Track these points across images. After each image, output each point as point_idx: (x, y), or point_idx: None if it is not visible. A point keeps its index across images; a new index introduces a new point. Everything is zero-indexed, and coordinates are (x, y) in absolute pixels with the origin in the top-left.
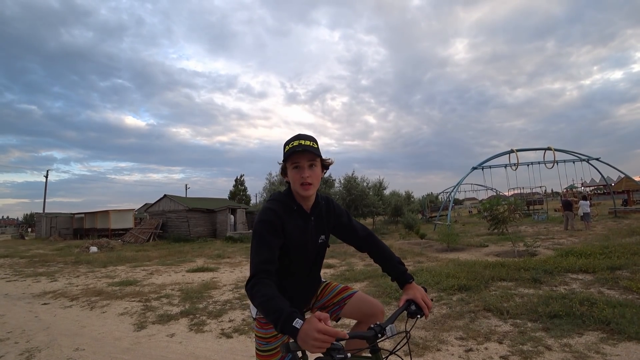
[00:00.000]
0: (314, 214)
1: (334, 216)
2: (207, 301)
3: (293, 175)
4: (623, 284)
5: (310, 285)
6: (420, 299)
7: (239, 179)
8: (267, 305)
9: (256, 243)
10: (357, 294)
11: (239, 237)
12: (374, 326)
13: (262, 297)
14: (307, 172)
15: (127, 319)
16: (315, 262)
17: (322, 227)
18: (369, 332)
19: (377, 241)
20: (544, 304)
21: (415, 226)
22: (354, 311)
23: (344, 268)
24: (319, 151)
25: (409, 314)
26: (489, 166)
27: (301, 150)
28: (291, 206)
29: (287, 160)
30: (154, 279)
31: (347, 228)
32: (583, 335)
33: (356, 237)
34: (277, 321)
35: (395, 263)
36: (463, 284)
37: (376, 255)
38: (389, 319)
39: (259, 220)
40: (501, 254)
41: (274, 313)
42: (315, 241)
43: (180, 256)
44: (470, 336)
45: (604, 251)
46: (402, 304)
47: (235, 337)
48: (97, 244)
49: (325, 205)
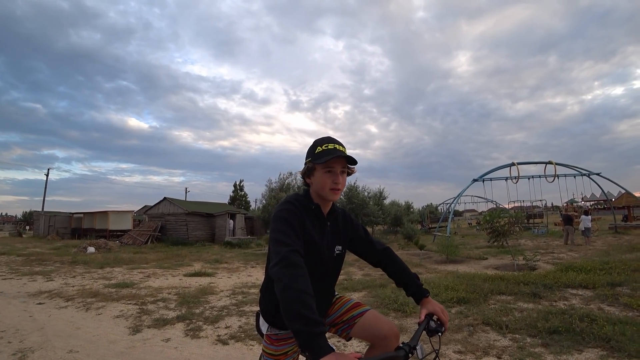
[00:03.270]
0: (330, 220)
1: (351, 228)
2: (203, 306)
3: (324, 178)
4: (623, 300)
5: (323, 297)
6: (440, 313)
7: (239, 184)
8: (299, 304)
9: (282, 228)
10: (369, 312)
11: (237, 243)
12: (403, 345)
13: (296, 290)
14: (340, 177)
15: (123, 322)
16: (330, 274)
17: (338, 236)
18: (400, 352)
19: (395, 256)
20: (543, 319)
21: (414, 237)
22: (365, 332)
23: (342, 277)
24: (353, 160)
25: (429, 332)
26: (490, 178)
27: (338, 156)
28: (309, 205)
29: (319, 162)
30: (150, 282)
31: (364, 242)
32: (583, 352)
33: (374, 251)
34: (307, 333)
35: (412, 278)
36: (462, 297)
37: (393, 269)
38: (414, 337)
39: (281, 209)
40: (500, 267)
41: (306, 320)
42: (331, 249)
43: (178, 260)
44: (469, 350)
45: (604, 267)
46: (423, 319)
47: (231, 344)
48: (94, 245)
49: (342, 216)
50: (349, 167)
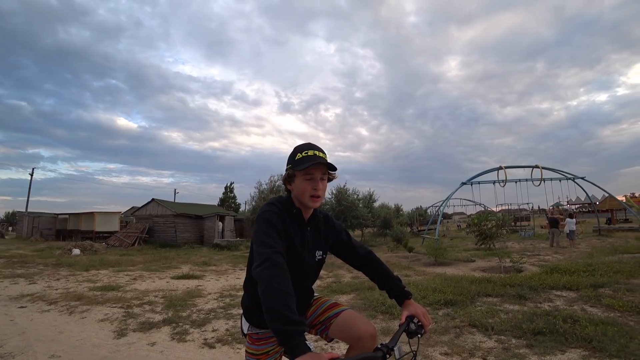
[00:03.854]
0: (311, 225)
1: (333, 233)
2: (190, 309)
3: (304, 185)
4: (605, 301)
5: (303, 299)
6: (421, 315)
7: (229, 186)
8: (280, 304)
9: (266, 230)
10: (346, 312)
11: (226, 245)
12: (381, 346)
13: (278, 290)
14: (320, 184)
15: (107, 326)
16: (310, 277)
17: (319, 242)
18: (377, 353)
19: (377, 259)
20: (528, 321)
21: (403, 239)
22: (341, 332)
23: (331, 280)
24: (333, 167)
25: (409, 334)
26: (478, 182)
27: (318, 162)
28: (290, 210)
29: (299, 169)
30: (137, 284)
31: (346, 246)
32: (566, 353)
33: (356, 255)
34: (286, 332)
35: (395, 280)
36: (449, 299)
37: (375, 273)
38: (393, 338)
39: (265, 211)
40: (488, 269)
41: (286, 320)
42: (312, 254)
43: (166, 262)
44: (455, 352)
45: (588, 269)
46: (404, 321)
47: (218, 347)
48: (80, 247)
49: (324, 220)
50: (329, 173)
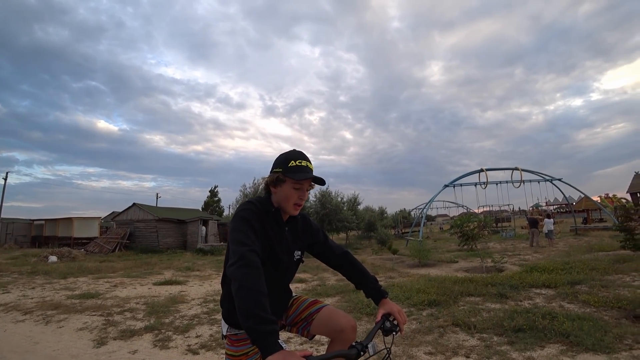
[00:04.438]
0: (289, 225)
1: (310, 234)
2: (173, 316)
3: (291, 193)
4: (582, 298)
5: (281, 299)
6: (396, 313)
7: (214, 190)
8: (253, 303)
9: (242, 228)
10: (326, 308)
11: (209, 250)
12: (355, 344)
13: (251, 289)
14: (305, 194)
15: (86, 335)
16: (288, 276)
17: (297, 242)
18: (352, 351)
19: (353, 259)
20: (509, 319)
21: (387, 242)
22: (323, 327)
23: (315, 283)
24: (323, 181)
25: (384, 331)
26: (460, 184)
27: (314, 178)
28: (269, 209)
29: (294, 178)
30: (117, 291)
31: (323, 246)
32: (545, 348)
33: (333, 255)
34: (259, 331)
35: (370, 280)
36: (433, 299)
37: (352, 273)
38: (369, 336)
39: (243, 210)
40: (470, 269)
41: (259, 319)
42: (290, 254)
43: (148, 268)
44: (439, 351)
45: (565, 267)
46: (380, 319)
47: (202, 353)
48: (57, 253)
49: (302, 221)
50: (311, 184)
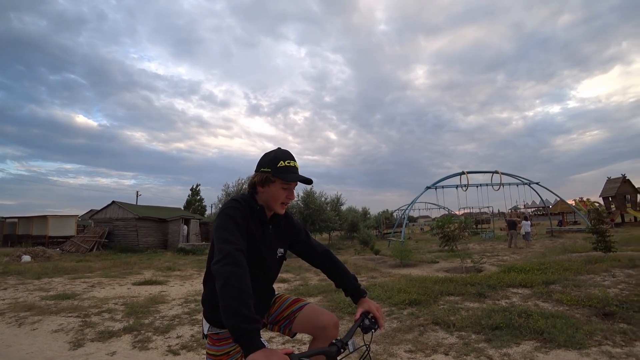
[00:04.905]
0: (272, 223)
1: (293, 232)
2: (153, 316)
3: (279, 193)
4: (555, 297)
5: (264, 297)
6: (374, 310)
7: (195, 188)
8: (237, 301)
9: (228, 226)
10: (308, 306)
11: (191, 249)
12: (335, 341)
13: (237, 288)
14: (292, 194)
15: (62, 337)
16: (271, 274)
17: (280, 240)
18: (332, 348)
19: (334, 258)
20: (487, 317)
21: (370, 242)
22: (306, 324)
23: (298, 283)
24: (310, 181)
25: (363, 329)
26: (442, 186)
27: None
28: (254, 207)
29: (284, 179)
30: (95, 292)
31: (305, 244)
32: (520, 345)
33: (314, 254)
34: (242, 329)
35: (350, 279)
36: (414, 299)
37: (332, 271)
38: (348, 334)
39: (228, 207)
40: (450, 269)
41: (242, 318)
42: (273, 251)
43: (127, 268)
44: (419, 349)
45: (541, 267)
46: (359, 317)
47: (182, 354)
48: (31, 253)
49: (285, 219)
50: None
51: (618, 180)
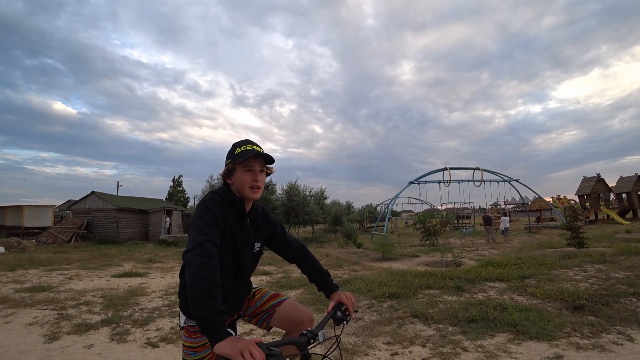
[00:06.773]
0: (250, 217)
1: (270, 226)
2: (132, 309)
3: (244, 177)
4: (530, 290)
5: (240, 290)
6: (345, 300)
7: (177, 179)
8: (205, 292)
9: (204, 217)
10: (287, 301)
11: (173, 241)
12: (305, 332)
13: (205, 279)
14: (259, 176)
15: (37, 330)
16: (248, 268)
17: (257, 234)
18: (302, 338)
19: (308, 253)
20: (463, 310)
21: (353, 236)
22: (283, 320)
23: (280, 275)
24: (271, 159)
25: (335, 320)
26: (425, 181)
27: (256, 154)
28: (233, 199)
29: (238, 163)
30: (72, 284)
31: (281, 239)
32: (494, 337)
33: (289, 249)
34: (209, 321)
35: (323, 274)
36: (394, 292)
37: (306, 266)
38: (319, 325)
39: (207, 199)
40: (431, 264)
41: (209, 309)
42: (250, 245)
43: (106, 260)
44: (397, 341)
45: (517, 262)
46: (331, 309)
47: (162, 346)
48: (5, 244)
49: (262, 214)
50: (267, 167)
51: (593, 179)
